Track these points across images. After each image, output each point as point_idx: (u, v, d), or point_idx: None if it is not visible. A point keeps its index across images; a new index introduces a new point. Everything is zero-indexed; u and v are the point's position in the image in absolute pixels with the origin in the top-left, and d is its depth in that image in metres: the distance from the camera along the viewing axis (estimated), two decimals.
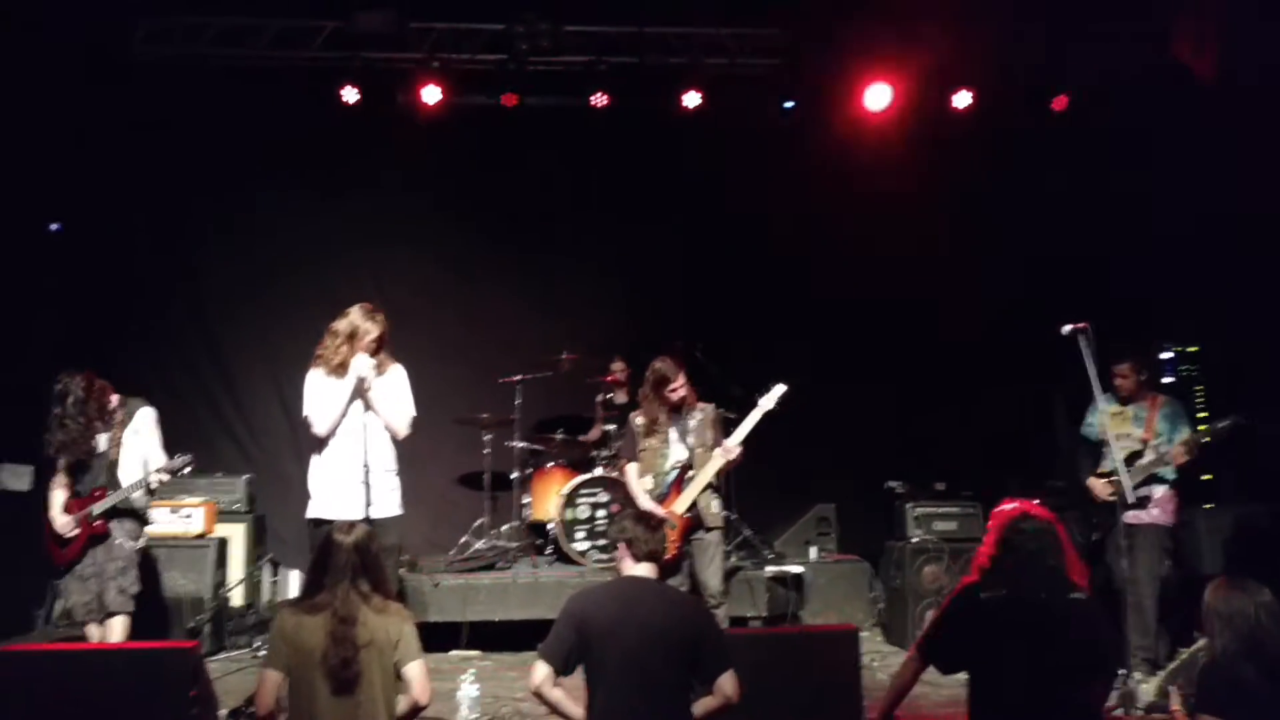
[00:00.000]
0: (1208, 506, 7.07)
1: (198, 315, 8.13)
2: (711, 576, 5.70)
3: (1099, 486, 5.86)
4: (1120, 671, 4.04)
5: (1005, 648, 3.65)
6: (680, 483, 5.76)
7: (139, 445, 5.42)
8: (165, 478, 5.34)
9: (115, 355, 5.94)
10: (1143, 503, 5.63)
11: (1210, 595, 4.00)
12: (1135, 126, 7.55)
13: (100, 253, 7.70)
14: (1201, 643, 4.48)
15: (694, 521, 5.73)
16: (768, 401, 5.72)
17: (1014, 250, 7.97)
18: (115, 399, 5.42)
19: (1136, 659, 5.45)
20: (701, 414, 5.85)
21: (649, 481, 5.84)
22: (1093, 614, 3.81)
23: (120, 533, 5.31)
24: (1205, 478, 7.38)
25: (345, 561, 3.89)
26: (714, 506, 5.77)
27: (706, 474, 5.71)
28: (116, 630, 5.22)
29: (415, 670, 3.92)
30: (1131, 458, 5.80)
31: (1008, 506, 3.87)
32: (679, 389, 5.75)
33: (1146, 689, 4.66)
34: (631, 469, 5.91)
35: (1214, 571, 6.10)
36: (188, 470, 5.45)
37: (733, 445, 5.67)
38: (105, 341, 6.89)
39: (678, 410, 5.81)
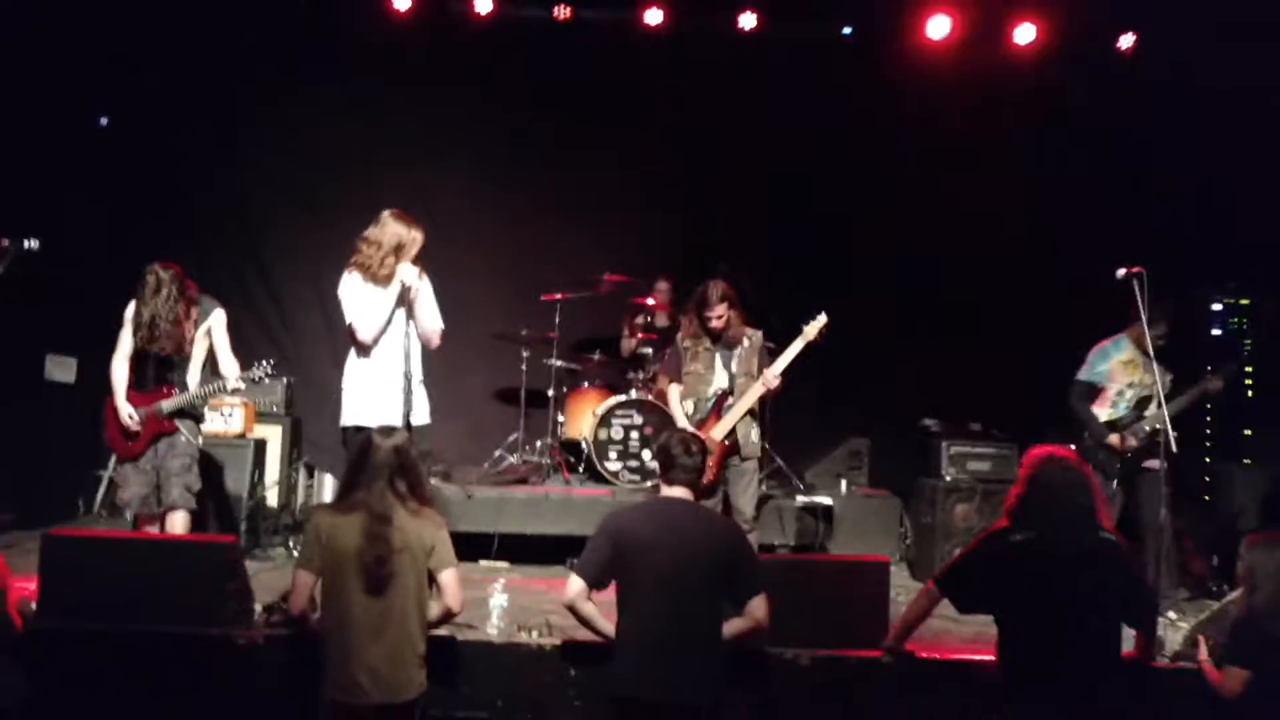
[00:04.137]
0: (1246, 462, 7.02)
1: (242, 218, 8.13)
2: (746, 503, 5.73)
3: (1116, 440, 5.87)
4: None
5: (1035, 590, 3.67)
6: (720, 409, 5.75)
7: (208, 344, 5.45)
8: (243, 386, 5.37)
9: (157, 253, 5.98)
10: (1154, 449, 5.61)
11: (1247, 550, 4.01)
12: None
13: (146, 151, 7.70)
14: (1234, 595, 4.48)
15: (731, 448, 5.73)
16: (810, 331, 5.68)
17: (1065, 194, 7.81)
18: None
19: (1164, 606, 5.48)
20: (748, 341, 5.81)
21: (690, 406, 5.84)
22: (1122, 555, 3.86)
23: (185, 430, 5.37)
24: (1246, 433, 7.33)
25: (384, 462, 3.93)
26: (753, 435, 5.76)
27: (745, 402, 5.69)
28: (179, 525, 5.29)
29: (449, 577, 3.97)
30: (1140, 404, 5.85)
31: (1038, 450, 3.89)
32: (720, 316, 5.70)
33: (1174, 637, 4.66)
34: (674, 390, 5.91)
35: (1249, 527, 6.08)
36: (266, 381, 5.46)
37: (772, 376, 5.64)
38: (148, 240, 6.90)
39: (720, 337, 5.77)
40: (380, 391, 5.18)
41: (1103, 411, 6.00)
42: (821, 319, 5.69)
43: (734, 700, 4.01)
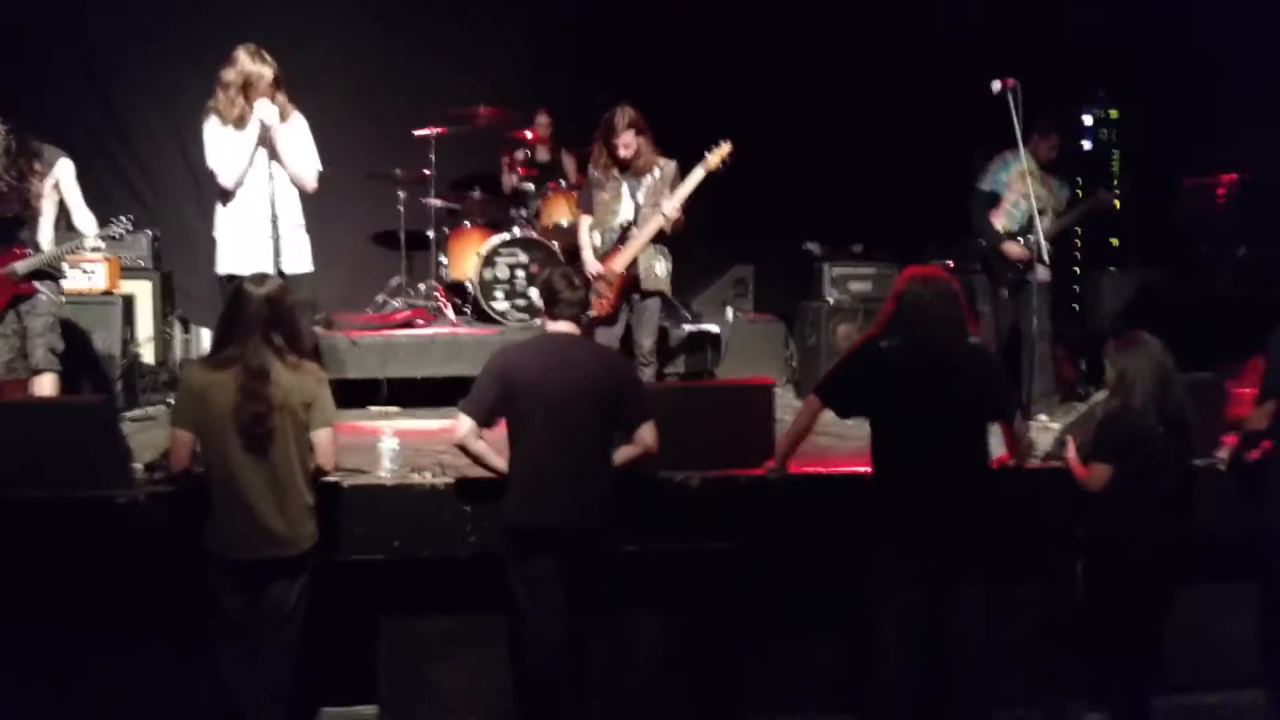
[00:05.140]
0: (1112, 269, 7.28)
1: (87, 62, 7.58)
2: (645, 337, 5.73)
3: (1015, 249, 5.96)
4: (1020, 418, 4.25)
5: (902, 391, 3.84)
6: (624, 240, 5.66)
7: (58, 198, 5.12)
8: (102, 244, 5.12)
9: None
10: (1043, 260, 5.76)
11: (1115, 352, 4.17)
12: None
13: None
14: (1099, 396, 4.69)
15: (632, 280, 5.67)
16: (712, 160, 5.52)
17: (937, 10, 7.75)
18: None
19: (1037, 410, 5.74)
20: (659, 171, 5.64)
21: (597, 237, 5.73)
22: (986, 358, 4.10)
23: (45, 291, 5.09)
24: (1113, 242, 7.58)
25: (256, 314, 3.77)
26: (659, 269, 5.67)
27: (646, 234, 5.59)
28: (47, 388, 5.07)
29: (323, 437, 3.88)
30: (1033, 216, 5.93)
31: (909, 270, 4.03)
32: (627, 144, 5.53)
33: (1046, 439, 4.88)
34: (584, 221, 5.79)
35: (1115, 330, 6.35)
36: (126, 237, 5.19)
37: (670, 208, 5.53)
38: None
39: (630, 166, 5.61)
40: (249, 238, 5.01)
41: (999, 221, 6.10)
42: (724, 147, 5.52)
43: (626, 524, 4.10)
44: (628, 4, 7.87)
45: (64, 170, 5.15)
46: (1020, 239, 5.98)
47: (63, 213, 5.19)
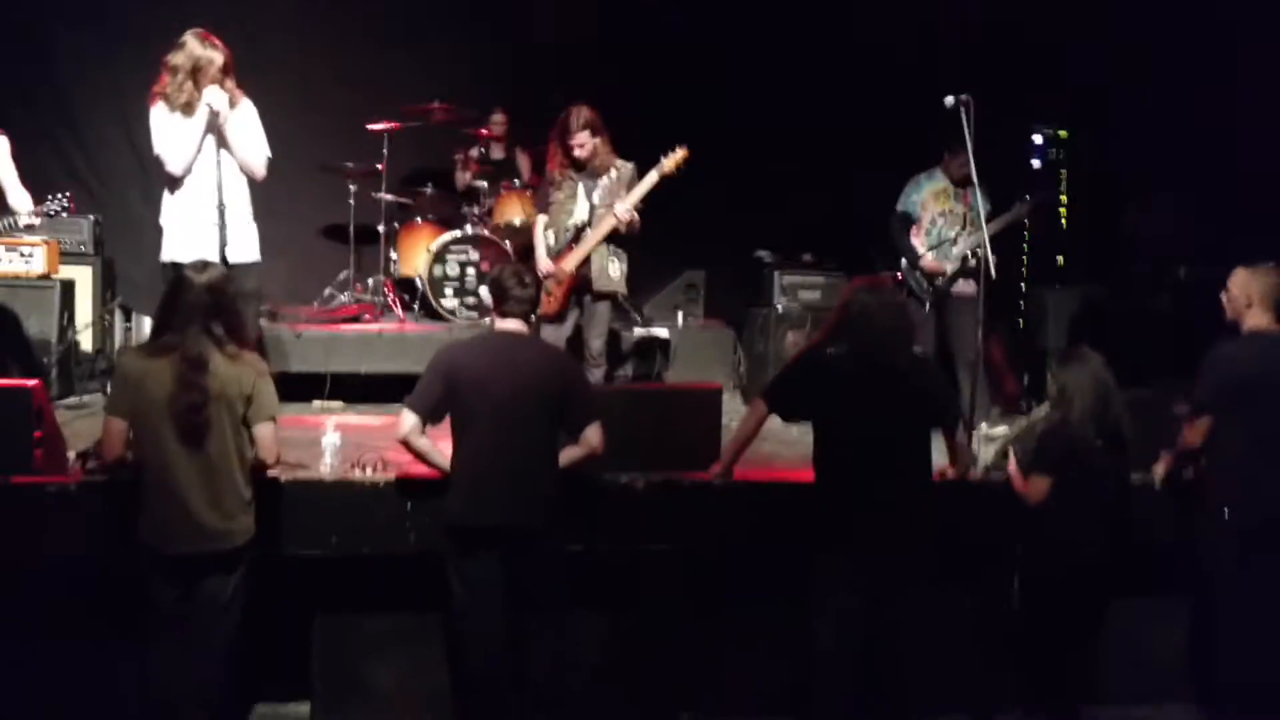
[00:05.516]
0: (1056, 285, 7.38)
1: (32, 41, 7.40)
2: (595, 339, 5.71)
3: (931, 263, 6.06)
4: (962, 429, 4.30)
5: (847, 396, 3.88)
6: (578, 240, 5.64)
7: None
8: (37, 221, 5.01)
9: None
10: (969, 275, 5.84)
11: (1057, 366, 4.24)
12: None
13: None
14: (1041, 410, 4.75)
15: (582, 280, 5.65)
16: (667, 164, 5.52)
17: (892, 23, 7.81)
18: None
19: (978, 423, 5.79)
20: (615, 173, 5.64)
21: (551, 237, 5.71)
22: (929, 368, 4.19)
23: None
24: (1059, 260, 7.69)
25: (197, 302, 3.70)
26: (612, 270, 5.65)
27: (597, 235, 5.57)
28: None
29: (265, 431, 3.81)
30: (955, 234, 6.09)
31: (857, 280, 4.12)
32: (582, 144, 5.52)
33: (988, 451, 4.94)
34: (540, 220, 5.77)
35: (1057, 346, 6.45)
36: (64, 215, 5.06)
37: (622, 210, 5.51)
38: None
39: (585, 167, 5.60)
40: (194, 225, 4.92)
41: (918, 240, 6.18)
42: (679, 152, 5.53)
43: (570, 524, 4.09)
44: (585, 4, 7.84)
45: None
46: (936, 254, 6.06)
47: None
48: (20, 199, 5.02)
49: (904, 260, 6.15)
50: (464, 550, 3.93)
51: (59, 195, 5.01)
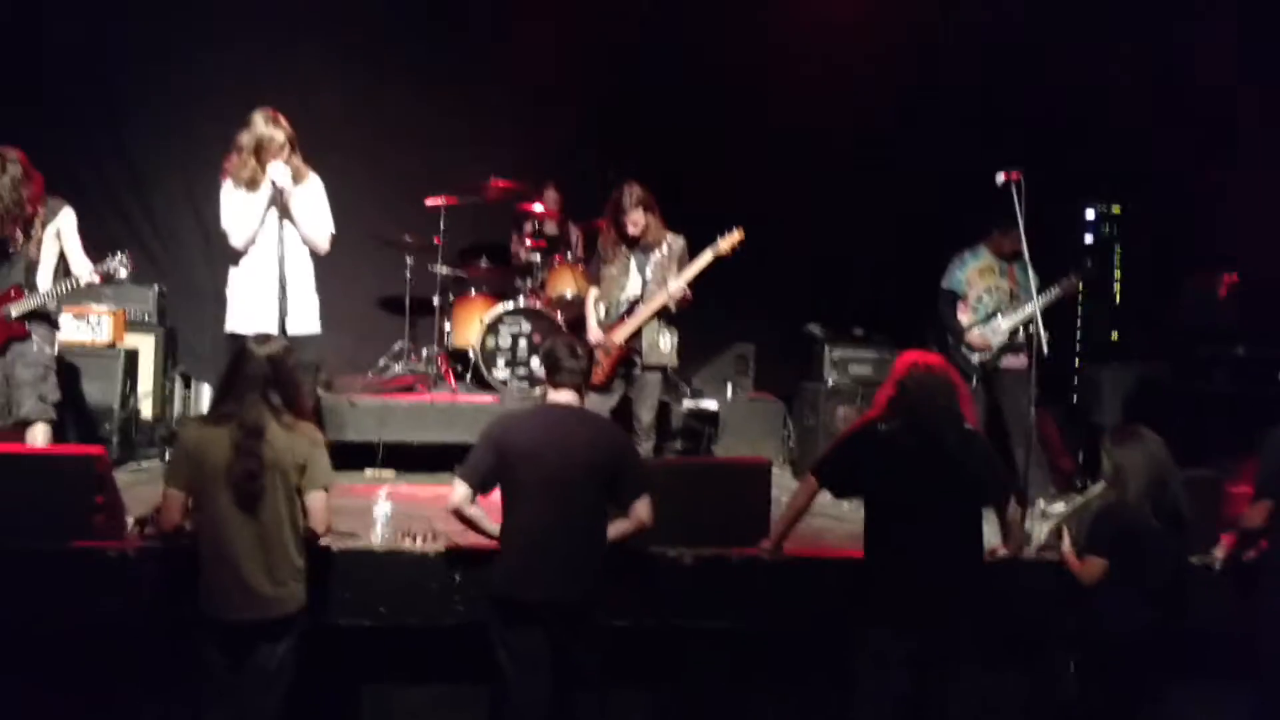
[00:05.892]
0: (1112, 363, 7.30)
1: (108, 113, 7.69)
2: (644, 412, 5.75)
3: (978, 339, 6.03)
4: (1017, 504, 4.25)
5: (898, 472, 3.85)
6: (630, 314, 5.71)
7: (58, 247, 5.13)
8: (96, 279, 5.09)
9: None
10: (1018, 350, 5.80)
11: (1112, 446, 4.18)
12: None
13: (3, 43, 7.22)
14: (1096, 489, 4.68)
15: (630, 353, 5.70)
16: (723, 245, 5.59)
17: (944, 103, 7.88)
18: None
19: (1033, 501, 5.71)
20: (667, 247, 5.72)
21: (602, 310, 5.79)
22: (981, 443, 4.09)
23: (38, 337, 5.07)
24: (1113, 336, 7.62)
25: (257, 372, 3.79)
26: (662, 344, 5.70)
27: (649, 309, 5.64)
28: (39, 439, 5.02)
29: (316, 500, 3.87)
30: (999, 309, 6.05)
31: (906, 355, 4.08)
32: (635, 222, 5.62)
33: (1041, 530, 4.86)
34: (591, 293, 5.87)
35: (1112, 423, 6.35)
36: (124, 274, 5.15)
37: (675, 288, 5.58)
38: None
39: (633, 242, 5.69)
40: (257, 297, 5.06)
41: (965, 317, 6.16)
42: (735, 234, 5.60)
43: (616, 598, 4.08)
44: (636, 83, 8.00)
45: (66, 220, 5.17)
46: (982, 330, 6.03)
47: (62, 262, 5.20)
48: (82, 268, 5.14)
49: (950, 336, 6.14)
50: (509, 622, 3.91)
51: (118, 253, 5.10)
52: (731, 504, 4.66)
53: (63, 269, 5.18)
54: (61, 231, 5.16)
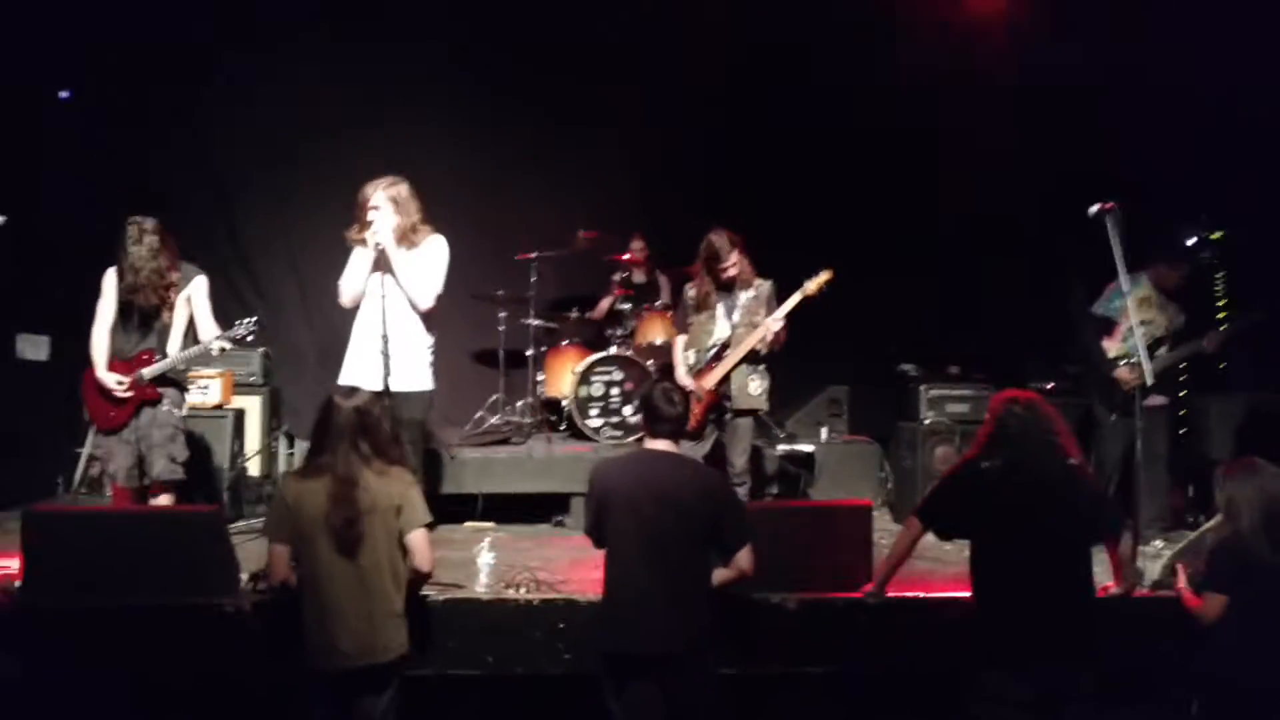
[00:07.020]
0: (1221, 395, 7.08)
1: (212, 183, 7.99)
2: (738, 456, 5.76)
3: (1124, 374, 5.88)
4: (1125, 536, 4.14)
5: (1003, 511, 3.80)
6: (719, 359, 5.74)
7: (188, 313, 5.34)
8: (228, 345, 5.29)
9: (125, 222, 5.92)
10: (1164, 388, 5.62)
11: (1224, 479, 4.07)
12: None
13: (112, 120, 7.55)
14: (1210, 524, 4.54)
15: (721, 397, 5.72)
16: (811, 286, 5.63)
17: (1043, 127, 7.80)
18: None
19: (1147, 538, 5.53)
20: (755, 291, 5.78)
21: (691, 356, 5.83)
22: (1085, 479, 4.03)
23: (169, 400, 5.27)
24: (1221, 365, 7.38)
25: (345, 423, 3.90)
26: (752, 388, 5.72)
27: (740, 351, 5.67)
28: (166, 499, 5.23)
29: (417, 537, 3.94)
30: (1154, 344, 5.83)
31: (1001, 394, 4.06)
32: (730, 266, 5.68)
33: (1154, 567, 4.72)
34: (679, 341, 5.93)
35: (1223, 456, 6.15)
36: (251, 337, 5.37)
37: (773, 321, 5.62)
38: (117, 208, 6.87)
39: (729, 287, 5.75)
40: (362, 355, 5.24)
41: (1113, 346, 6.02)
42: (824, 274, 5.63)
43: (720, 646, 4.04)
44: (717, 135, 8.08)
45: (198, 287, 5.38)
46: (1129, 363, 5.88)
47: (191, 327, 5.39)
48: (209, 333, 5.33)
49: (1095, 363, 5.98)
50: (617, 675, 3.90)
51: (246, 320, 5.31)
52: (833, 547, 4.63)
53: (192, 336, 5.37)
54: (193, 298, 5.36)
